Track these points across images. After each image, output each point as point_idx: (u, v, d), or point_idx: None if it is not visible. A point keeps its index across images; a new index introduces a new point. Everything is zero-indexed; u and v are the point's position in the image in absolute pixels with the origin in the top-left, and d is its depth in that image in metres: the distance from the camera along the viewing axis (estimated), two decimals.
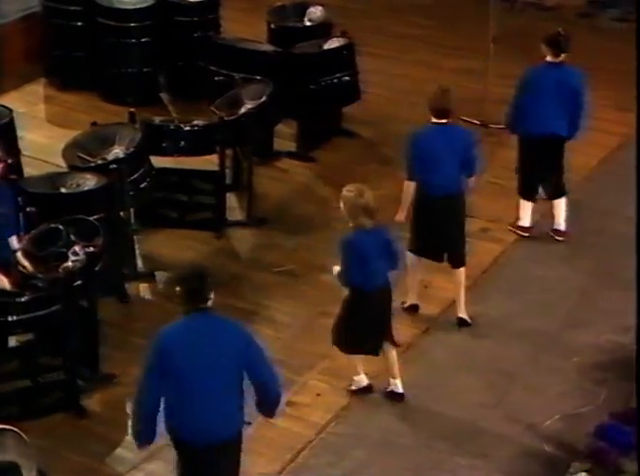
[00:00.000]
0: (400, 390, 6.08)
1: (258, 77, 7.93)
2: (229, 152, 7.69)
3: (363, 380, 6.15)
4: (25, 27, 9.35)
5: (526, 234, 7.57)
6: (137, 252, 7.05)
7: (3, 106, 7.46)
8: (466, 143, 6.53)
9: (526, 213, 7.55)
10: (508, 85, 7.83)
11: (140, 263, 7.08)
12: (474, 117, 8.22)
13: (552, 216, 7.56)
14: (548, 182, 7.50)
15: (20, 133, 7.40)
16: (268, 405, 4.91)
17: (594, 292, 7.03)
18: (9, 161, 6.23)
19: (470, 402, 6.10)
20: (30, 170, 7.35)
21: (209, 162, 7.55)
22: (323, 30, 8.77)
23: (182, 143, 7.30)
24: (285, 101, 7.99)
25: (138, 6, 9.01)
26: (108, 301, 6.52)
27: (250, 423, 5.23)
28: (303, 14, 8.94)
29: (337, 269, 5.86)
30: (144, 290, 6.95)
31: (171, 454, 5.60)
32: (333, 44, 8.49)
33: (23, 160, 7.32)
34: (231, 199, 7.71)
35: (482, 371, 6.34)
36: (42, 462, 4.99)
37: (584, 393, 6.09)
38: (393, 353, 6.06)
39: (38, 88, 9.28)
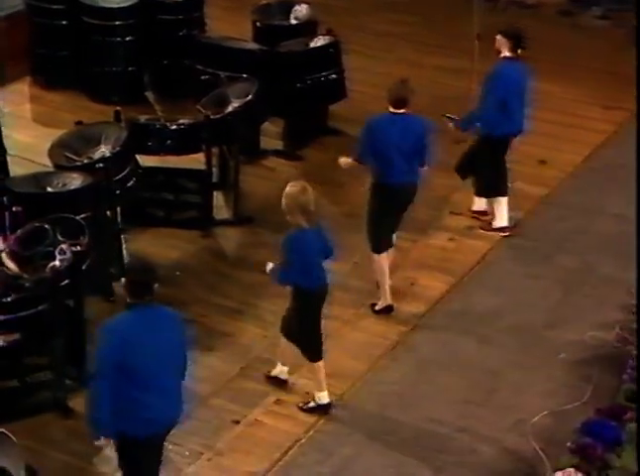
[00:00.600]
0: (326, 401, 5.99)
1: (244, 76, 7.93)
2: (215, 150, 7.68)
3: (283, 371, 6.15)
4: (9, 25, 9.30)
5: (506, 233, 7.61)
6: (123, 251, 7.04)
7: None
8: (419, 132, 6.59)
9: (504, 211, 7.56)
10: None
11: (126, 262, 7.07)
12: (457, 115, 8.24)
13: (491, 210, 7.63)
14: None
15: (6, 132, 7.38)
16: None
17: (578, 289, 7.08)
18: None
19: (456, 399, 6.14)
20: (16, 169, 7.33)
21: (195, 160, 7.55)
22: (309, 28, 8.79)
23: (168, 142, 7.29)
24: (272, 99, 7.99)
25: (122, 5, 8.98)
26: (95, 300, 6.50)
27: None
28: (289, 12, 8.95)
29: (270, 266, 5.87)
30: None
31: None
32: (319, 42, 8.50)
33: (9, 159, 7.29)
34: (218, 198, 7.72)
35: (468, 368, 6.38)
36: (29, 461, 4.98)
37: (569, 389, 6.14)
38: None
39: (23, 87, 9.25)
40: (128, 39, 8.95)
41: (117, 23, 8.91)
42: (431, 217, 7.76)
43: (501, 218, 7.56)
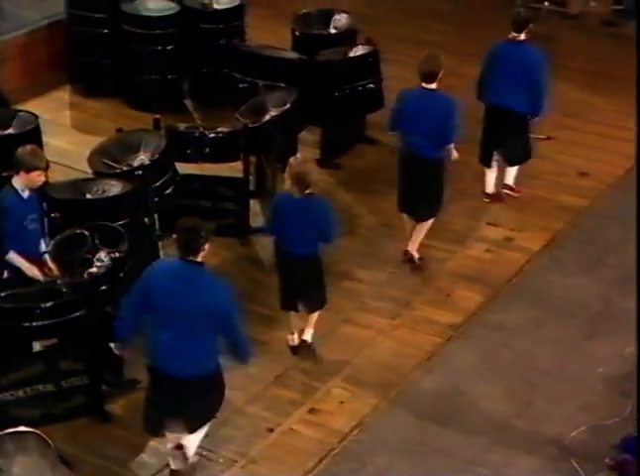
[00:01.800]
0: (309, 339, 6.40)
1: (282, 84, 7.95)
2: (253, 159, 7.70)
3: (293, 340, 6.40)
4: (49, 34, 9.42)
5: (487, 200, 7.91)
6: (161, 257, 7.07)
7: (29, 113, 7.53)
8: (445, 110, 6.79)
9: (488, 180, 7.91)
10: None
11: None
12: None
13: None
14: (503, 150, 7.80)
15: (45, 139, 7.45)
16: (236, 356, 5.33)
17: (617, 301, 6.98)
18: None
19: (492, 411, 6.08)
20: (55, 176, 7.38)
21: (233, 168, 7.57)
22: (348, 37, 8.78)
23: (207, 149, 7.32)
24: (309, 108, 8.00)
25: (163, 14, 9.06)
26: None
27: None
28: (328, 21, 8.95)
29: None
30: None
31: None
32: (357, 51, 8.49)
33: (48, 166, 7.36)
34: (254, 206, 7.74)
35: (505, 380, 6.32)
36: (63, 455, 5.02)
37: (609, 404, 6.04)
38: (313, 315, 6.40)
39: (63, 95, 9.34)
40: (168, 47, 9.02)
41: (157, 32, 8.98)
42: (468, 228, 7.71)
43: (487, 185, 7.92)
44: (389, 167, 8.37)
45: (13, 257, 5.90)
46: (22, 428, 4.92)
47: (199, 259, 5.13)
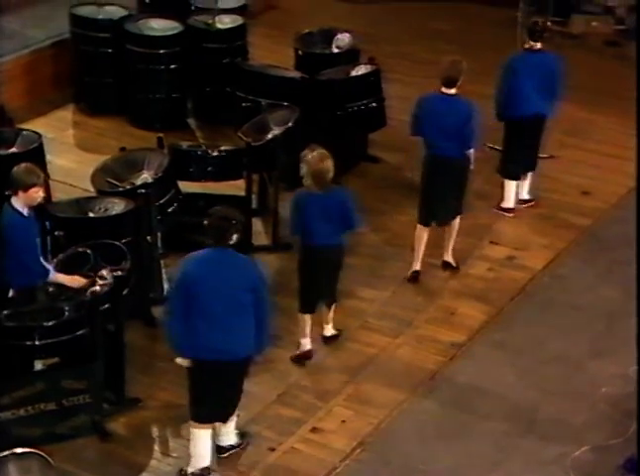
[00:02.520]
0: (329, 333, 6.59)
1: (285, 103, 7.98)
2: (255, 177, 7.72)
3: (306, 344, 6.43)
4: (54, 54, 9.46)
5: (511, 215, 7.96)
6: (163, 276, 7.08)
7: (32, 131, 7.55)
8: (465, 115, 6.91)
9: (511, 194, 8.01)
10: None
11: (166, 287, 7.10)
12: (499, 144, 8.21)
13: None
14: (529, 159, 7.99)
15: (49, 158, 7.47)
16: (258, 338, 5.46)
17: (621, 321, 6.95)
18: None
19: (495, 430, 6.05)
20: (58, 194, 7.42)
21: (236, 187, 7.58)
22: (350, 56, 8.81)
23: (209, 168, 7.34)
24: (312, 127, 8.01)
25: (166, 33, 9.10)
26: (134, 325, 6.54)
27: None
28: (331, 41, 8.99)
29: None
30: None
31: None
32: (360, 70, 8.52)
33: (52, 184, 7.38)
34: (257, 224, 7.74)
35: (508, 399, 6.29)
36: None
37: (613, 424, 6.01)
38: (331, 310, 6.58)
39: (67, 114, 9.38)
40: (172, 66, 9.05)
41: (161, 51, 9.02)
42: (471, 246, 7.70)
43: (508, 199, 7.97)
44: (392, 185, 8.40)
45: (57, 277, 5.88)
46: (24, 449, 4.90)
47: (230, 246, 5.35)
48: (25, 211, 5.88)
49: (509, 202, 7.99)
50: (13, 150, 7.23)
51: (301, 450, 5.87)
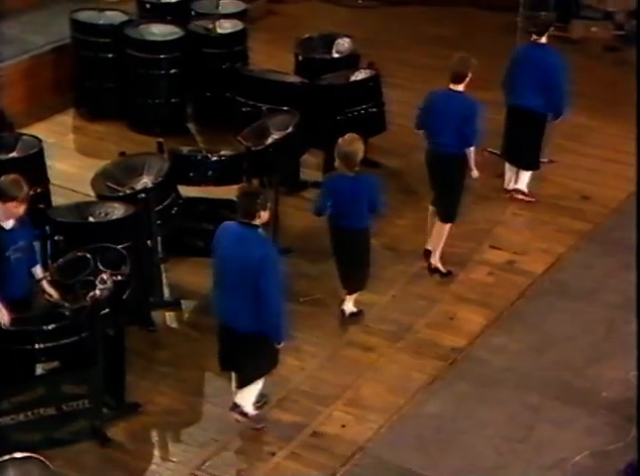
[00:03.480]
0: (349, 309, 6.88)
1: (284, 108, 7.98)
2: (255, 182, 7.71)
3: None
4: (54, 59, 9.47)
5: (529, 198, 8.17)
6: (163, 280, 7.08)
7: (33, 136, 7.54)
8: (466, 112, 7.03)
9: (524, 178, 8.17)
10: None
11: (166, 291, 7.11)
12: (499, 149, 8.22)
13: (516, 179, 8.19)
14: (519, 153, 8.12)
15: (49, 162, 7.47)
16: (266, 319, 5.61)
17: (621, 326, 6.96)
18: (38, 190, 6.25)
19: (495, 435, 6.04)
20: (58, 199, 7.41)
21: (236, 191, 7.57)
22: (350, 61, 8.83)
23: (209, 172, 7.34)
24: (312, 132, 8.02)
25: (166, 38, 9.11)
26: (134, 330, 6.54)
27: None
28: (331, 46, 9.00)
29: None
30: (170, 318, 6.97)
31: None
32: (359, 75, 8.53)
33: (52, 189, 7.39)
34: None
35: (508, 404, 6.29)
36: None
37: (612, 429, 6.01)
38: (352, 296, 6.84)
39: (67, 119, 9.39)
40: (172, 71, 9.06)
41: (161, 56, 9.03)
42: (471, 251, 7.70)
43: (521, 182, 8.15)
44: (391, 190, 8.39)
45: None
46: (23, 454, 4.90)
47: (255, 223, 5.63)
48: (8, 223, 5.75)
49: (522, 186, 8.16)
50: (13, 154, 7.24)
51: (301, 455, 5.86)
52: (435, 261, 7.38)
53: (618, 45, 11.00)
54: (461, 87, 7.08)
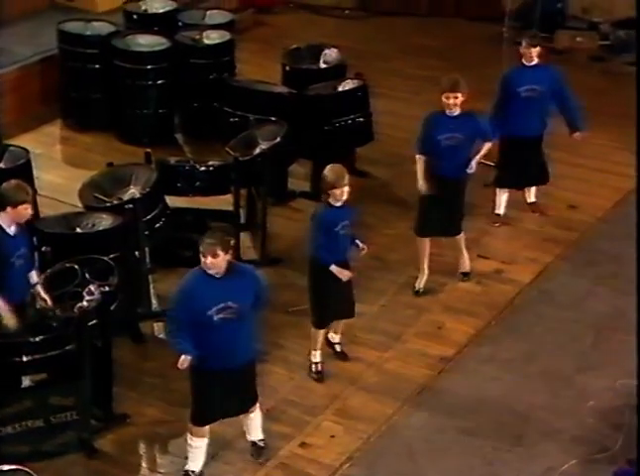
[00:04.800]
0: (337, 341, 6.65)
1: (272, 118, 8.00)
2: (243, 192, 7.73)
3: (318, 356, 6.44)
4: (41, 69, 9.47)
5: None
6: (152, 291, 7.06)
7: (20, 147, 7.54)
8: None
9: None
10: None
11: (155, 302, 7.09)
12: (487, 159, 8.25)
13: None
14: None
15: (36, 173, 7.46)
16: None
17: (608, 334, 6.98)
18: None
19: (483, 444, 6.05)
20: (46, 210, 7.40)
21: (224, 201, 7.59)
22: (338, 72, 8.85)
23: (197, 183, 7.34)
24: (300, 142, 8.04)
25: (154, 49, 9.12)
26: (122, 341, 6.52)
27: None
28: (318, 56, 9.02)
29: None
30: (158, 329, 6.94)
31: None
32: (347, 85, 8.55)
33: (39, 200, 7.36)
34: (245, 239, 7.74)
35: (496, 413, 6.29)
36: None
37: (600, 437, 6.02)
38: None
39: (54, 129, 9.37)
40: (159, 82, 9.06)
41: (148, 67, 9.03)
42: (459, 260, 7.72)
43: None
44: (380, 200, 8.42)
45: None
46: (10, 466, 4.87)
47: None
48: (11, 230, 5.84)
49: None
50: (0, 166, 7.23)
51: (290, 465, 5.85)
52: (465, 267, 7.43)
53: (604, 54, 11.07)
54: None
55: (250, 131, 7.87)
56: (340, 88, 8.52)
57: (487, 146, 7.12)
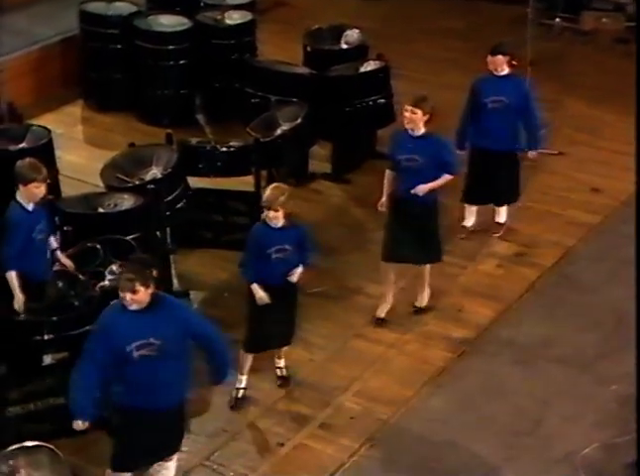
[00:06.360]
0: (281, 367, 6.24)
1: (293, 99, 7.98)
2: (264, 173, 7.72)
3: (243, 381, 6.07)
4: (62, 50, 9.48)
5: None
6: (172, 271, 7.08)
7: (42, 127, 7.56)
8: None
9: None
10: (544, 109, 7.81)
11: (175, 282, 7.11)
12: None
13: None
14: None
15: (58, 153, 7.49)
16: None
17: (630, 319, 6.92)
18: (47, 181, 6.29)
19: (503, 428, 6.04)
20: (68, 190, 7.43)
21: (244, 182, 7.58)
22: (359, 53, 8.81)
23: (218, 164, 7.34)
24: (320, 123, 8.02)
25: (175, 29, 9.11)
26: None
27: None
28: (340, 37, 8.99)
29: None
30: None
31: (206, 473, 5.62)
32: (368, 66, 8.52)
33: (61, 180, 7.40)
34: None
35: (516, 397, 6.28)
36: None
37: (621, 422, 5.99)
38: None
39: (76, 110, 9.39)
40: (180, 62, 9.06)
41: (170, 47, 9.03)
42: (480, 243, 7.69)
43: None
44: None
45: (12, 277, 5.78)
46: (34, 443, 4.91)
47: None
48: (29, 206, 5.86)
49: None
50: (23, 145, 7.26)
51: (310, 446, 5.87)
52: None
53: (629, 36, 10.94)
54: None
55: (271, 112, 7.85)
56: (361, 69, 8.49)
57: (447, 178, 6.51)
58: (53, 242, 6.10)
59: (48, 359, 5.86)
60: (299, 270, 5.95)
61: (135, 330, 4.89)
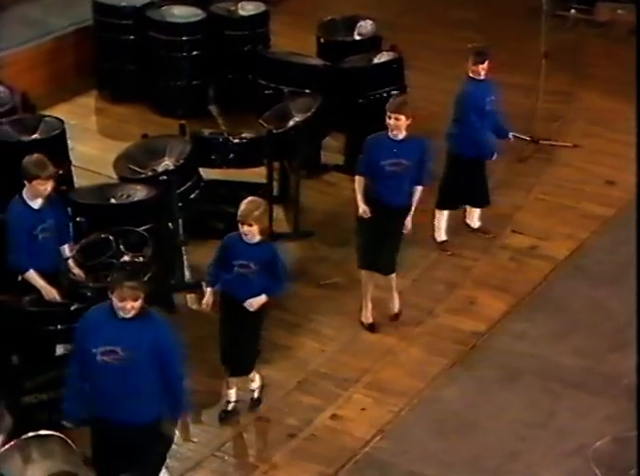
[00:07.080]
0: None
1: (306, 91, 7.96)
2: (276, 164, 7.72)
3: (232, 395, 5.99)
4: (76, 41, 9.49)
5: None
6: (184, 262, 7.10)
7: (55, 118, 7.57)
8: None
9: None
10: (558, 101, 7.78)
11: (187, 273, 7.13)
12: (523, 133, 8.16)
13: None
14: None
15: (71, 144, 7.50)
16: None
17: None
18: (60, 171, 6.29)
19: (515, 420, 6.03)
20: (80, 180, 7.45)
21: (257, 174, 7.59)
22: (372, 44, 8.79)
23: (231, 155, 7.34)
24: (333, 115, 8.00)
25: (188, 20, 9.11)
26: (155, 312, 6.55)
27: None
28: (353, 28, 8.97)
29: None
30: (191, 300, 6.99)
31: (217, 464, 5.64)
32: (382, 58, 8.49)
33: (74, 170, 7.41)
34: (278, 212, 7.73)
35: (528, 390, 6.27)
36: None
37: (634, 416, 5.96)
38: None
39: (89, 101, 9.41)
40: (194, 53, 9.06)
41: (183, 38, 9.03)
42: (493, 235, 7.66)
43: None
44: None
45: (31, 276, 5.77)
46: (46, 432, 4.94)
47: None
48: (35, 203, 5.79)
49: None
50: (36, 136, 7.27)
51: (321, 437, 5.88)
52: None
53: None
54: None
55: (284, 103, 7.84)
56: (375, 61, 8.46)
57: (419, 190, 6.46)
58: (67, 251, 6.04)
59: (60, 349, 5.89)
60: (260, 299, 5.67)
61: (106, 335, 4.80)
